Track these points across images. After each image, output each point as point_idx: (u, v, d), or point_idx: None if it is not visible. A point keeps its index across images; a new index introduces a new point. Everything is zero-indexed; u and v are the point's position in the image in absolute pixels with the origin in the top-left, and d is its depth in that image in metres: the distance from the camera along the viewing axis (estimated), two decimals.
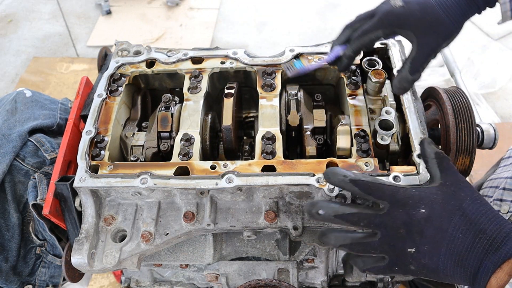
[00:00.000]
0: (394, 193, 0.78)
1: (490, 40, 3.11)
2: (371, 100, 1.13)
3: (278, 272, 1.15)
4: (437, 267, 0.75)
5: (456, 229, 0.73)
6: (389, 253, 0.77)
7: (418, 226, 0.75)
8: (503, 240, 0.70)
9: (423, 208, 0.76)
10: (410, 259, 0.76)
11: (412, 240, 0.75)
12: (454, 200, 0.76)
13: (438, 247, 0.74)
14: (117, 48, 1.29)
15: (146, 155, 1.13)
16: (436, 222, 0.75)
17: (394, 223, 0.76)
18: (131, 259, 1.01)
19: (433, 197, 0.77)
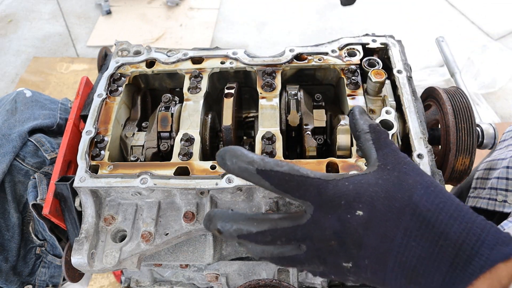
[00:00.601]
0: (321, 190, 0.58)
1: (490, 40, 3.11)
2: (371, 100, 1.13)
3: (278, 272, 1.15)
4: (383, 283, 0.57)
5: (406, 235, 0.54)
6: (320, 266, 0.61)
7: (355, 236, 0.56)
8: (474, 246, 0.51)
9: (361, 209, 0.56)
10: (347, 273, 0.59)
11: (347, 254, 0.57)
12: (401, 191, 0.56)
13: (384, 261, 0.55)
14: (117, 48, 1.29)
15: (146, 155, 1.13)
16: (379, 228, 0.55)
17: (321, 235, 0.57)
18: (131, 259, 1.01)
19: (373, 191, 0.57)
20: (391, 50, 1.21)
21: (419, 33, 3.23)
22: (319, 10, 3.56)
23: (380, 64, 1.17)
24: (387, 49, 1.22)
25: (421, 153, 0.99)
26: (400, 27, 3.35)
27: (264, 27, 3.45)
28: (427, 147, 1.00)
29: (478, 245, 0.51)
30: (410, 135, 1.03)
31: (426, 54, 3.03)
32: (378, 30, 1.20)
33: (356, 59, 1.20)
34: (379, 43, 1.23)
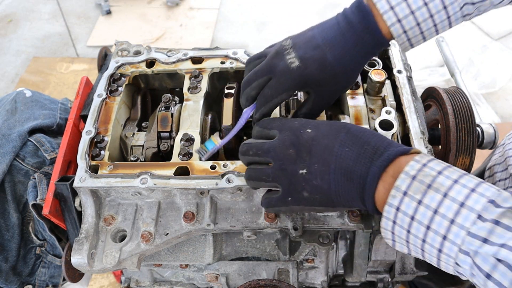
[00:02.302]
0: (283, 121, 0.84)
1: (490, 40, 3.11)
2: (371, 100, 1.13)
3: (278, 272, 1.15)
4: (329, 187, 0.75)
5: (342, 144, 0.75)
6: (281, 179, 0.79)
7: (306, 145, 0.77)
8: (386, 147, 0.73)
9: (309, 129, 0.79)
10: (302, 182, 0.76)
11: (302, 160, 0.77)
12: (339, 122, 0.81)
13: (328, 164, 0.75)
14: (117, 48, 1.29)
15: (146, 155, 1.13)
16: (323, 140, 0.76)
17: (282, 145, 0.79)
18: (131, 259, 1.01)
19: (319, 121, 0.82)
20: (391, 50, 1.21)
21: None
22: (319, 10, 3.56)
23: (380, 64, 1.17)
24: (387, 49, 1.22)
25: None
26: None
27: (264, 27, 3.45)
28: (427, 147, 1.00)
29: (388, 147, 0.73)
30: (410, 135, 1.03)
31: (426, 54, 3.03)
32: None
33: None
34: None
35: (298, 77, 0.85)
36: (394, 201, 0.67)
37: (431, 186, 0.65)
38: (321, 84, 0.87)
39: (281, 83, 0.86)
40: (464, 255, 0.61)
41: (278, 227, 1.01)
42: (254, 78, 0.89)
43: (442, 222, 0.63)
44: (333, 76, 0.86)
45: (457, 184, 0.64)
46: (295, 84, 0.86)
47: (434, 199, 0.64)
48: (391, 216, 0.69)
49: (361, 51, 0.85)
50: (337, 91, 0.91)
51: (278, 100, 0.88)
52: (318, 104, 0.91)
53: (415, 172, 0.67)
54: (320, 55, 0.84)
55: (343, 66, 0.85)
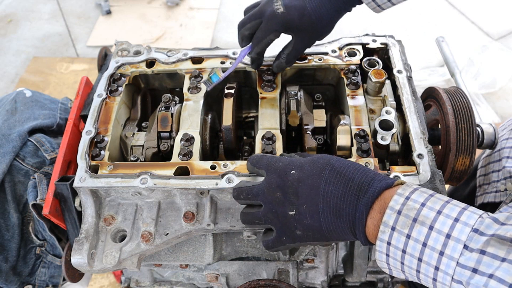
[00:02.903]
0: (270, 160, 0.87)
1: (490, 40, 3.11)
2: (371, 100, 1.13)
3: (278, 272, 1.15)
4: (320, 225, 0.78)
5: (327, 183, 0.77)
6: (273, 221, 0.83)
7: (292, 187, 0.80)
8: (370, 183, 0.75)
9: (294, 170, 0.81)
10: (294, 222, 0.80)
11: (290, 202, 0.80)
12: (322, 159, 0.82)
13: (316, 204, 0.77)
14: (117, 48, 1.29)
15: (146, 155, 1.13)
16: (308, 180, 0.79)
17: (270, 188, 0.82)
18: (131, 259, 1.01)
19: (303, 160, 0.84)
20: (391, 50, 1.21)
21: (419, 33, 3.23)
22: None
23: (380, 64, 1.17)
24: (387, 49, 1.22)
25: (421, 153, 0.99)
26: (400, 27, 3.35)
27: None
28: (427, 147, 1.00)
29: (371, 182, 0.75)
30: (410, 135, 1.03)
31: (426, 54, 3.03)
32: (378, 30, 1.21)
33: (356, 59, 1.20)
34: (379, 43, 1.23)
35: (281, 20, 1.02)
36: (384, 236, 0.70)
37: (417, 220, 0.68)
38: (301, 29, 1.03)
39: (269, 26, 1.03)
40: (458, 284, 0.64)
41: None
42: (248, 21, 1.06)
43: (432, 255, 0.66)
44: (310, 24, 1.03)
45: (441, 215, 0.66)
46: (279, 26, 1.02)
47: (421, 233, 0.67)
48: (384, 250, 0.72)
49: (334, 6, 1.02)
50: (314, 37, 1.08)
51: (267, 40, 1.05)
52: (298, 46, 1.07)
53: (400, 206, 0.70)
54: (301, 5, 1.02)
55: (319, 16, 1.02)
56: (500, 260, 0.59)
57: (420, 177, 0.95)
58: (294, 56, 1.10)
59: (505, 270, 0.58)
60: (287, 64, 1.12)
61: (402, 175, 0.95)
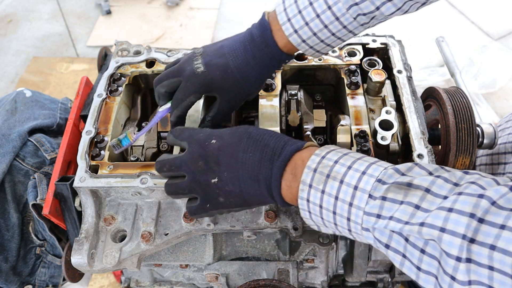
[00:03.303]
0: (191, 132, 0.88)
1: (490, 40, 3.11)
2: (371, 100, 1.13)
3: (278, 272, 1.15)
4: (241, 191, 0.81)
5: (245, 150, 0.81)
6: (197, 190, 0.84)
7: (213, 156, 0.82)
8: (283, 147, 0.79)
9: (214, 139, 0.84)
10: (216, 190, 0.83)
11: (211, 170, 0.82)
12: (241, 128, 0.85)
13: (236, 171, 0.80)
14: (117, 48, 1.29)
15: (146, 155, 1.13)
16: (227, 149, 0.82)
17: (192, 158, 0.84)
18: (131, 259, 1.01)
19: (223, 131, 0.86)
20: (391, 50, 1.21)
21: (419, 33, 3.23)
22: None
23: (380, 64, 1.17)
24: (387, 49, 1.22)
25: (421, 153, 0.99)
26: (400, 27, 3.35)
27: None
28: (427, 147, 1.00)
29: (284, 146, 0.79)
30: (410, 135, 1.03)
31: (426, 54, 3.02)
32: (378, 30, 1.20)
33: (356, 59, 1.20)
34: (379, 43, 1.23)
35: (202, 81, 0.94)
36: (304, 194, 0.75)
37: (329, 175, 0.72)
38: (224, 89, 0.95)
39: (188, 86, 0.95)
40: (367, 231, 0.69)
41: (278, 227, 1.01)
42: (164, 78, 0.98)
43: (343, 207, 0.71)
44: (235, 83, 0.94)
45: (350, 169, 0.71)
46: (199, 87, 0.94)
47: (333, 187, 0.72)
48: (305, 208, 0.76)
49: (259, 63, 0.93)
50: (240, 97, 0.99)
51: (187, 102, 0.97)
52: (224, 107, 0.98)
53: (316, 165, 0.74)
54: (223, 63, 0.93)
55: (243, 74, 0.94)
56: (398, 204, 0.65)
57: None
58: (220, 119, 1.01)
59: (402, 211, 0.64)
60: (213, 128, 1.01)
61: None
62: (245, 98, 1.00)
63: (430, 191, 0.63)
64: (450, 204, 0.59)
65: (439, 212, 0.60)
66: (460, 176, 0.65)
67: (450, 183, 0.64)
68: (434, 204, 0.62)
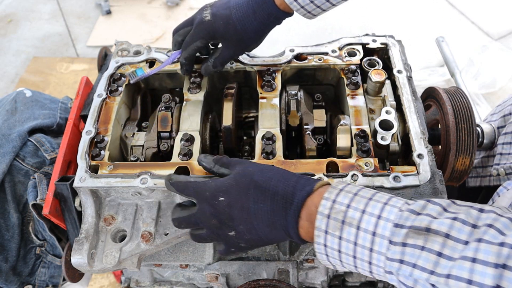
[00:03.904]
0: (196, 189, 0.88)
1: (490, 40, 3.11)
2: (371, 100, 1.13)
3: (278, 272, 1.15)
4: (259, 237, 0.83)
5: (255, 201, 0.81)
6: (218, 239, 0.88)
7: (225, 213, 0.83)
8: (292, 193, 0.79)
9: (222, 196, 0.83)
10: (236, 240, 0.85)
11: (226, 225, 0.84)
12: (245, 177, 0.84)
13: (250, 223, 0.82)
14: (117, 48, 1.29)
15: (146, 155, 1.13)
16: (237, 204, 0.82)
17: (205, 217, 0.86)
18: (131, 259, 1.01)
19: (228, 183, 0.85)
20: (391, 50, 1.21)
21: (419, 33, 3.23)
22: None
23: (380, 64, 1.17)
24: (387, 49, 1.22)
25: (421, 153, 0.99)
26: (400, 27, 3.35)
27: None
28: (427, 147, 1.00)
29: (294, 192, 0.79)
30: (410, 135, 1.03)
31: (426, 54, 3.02)
32: (378, 30, 1.20)
33: (356, 59, 1.20)
34: (379, 43, 1.23)
35: (207, 28, 1.05)
36: (320, 240, 0.76)
37: (345, 222, 0.73)
38: (226, 37, 1.06)
39: (196, 32, 1.07)
40: (390, 274, 0.70)
41: None
42: (180, 27, 1.11)
43: (364, 252, 0.71)
44: (236, 33, 1.04)
45: (365, 214, 0.72)
46: (205, 34, 1.06)
47: (350, 233, 0.72)
48: (323, 251, 0.77)
49: (258, 17, 1.03)
50: (240, 47, 1.09)
51: (194, 46, 1.08)
52: (225, 53, 1.09)
53: (328, 210, 0.74)
54: (227, 14, 1.04)
55: (243, 26, 1.03)
56: (419, 249, 0.65)
57: (420, 177, 0.95)
58: (220, 62, 1.11)
59: (425, 259, 0.64)
60: (213, 68, 1.12)
61: (402, 175, 0.95)
62: (245, 48, 1.11)
63: (449, 236, 0.64)
64: (472, 253, 0.60)
65: (463, 263, 0.60)
66: (476, 215, 0.66)
67: (468, 225, 0.64)
68: (456, 250, 0.63)
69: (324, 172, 0.98)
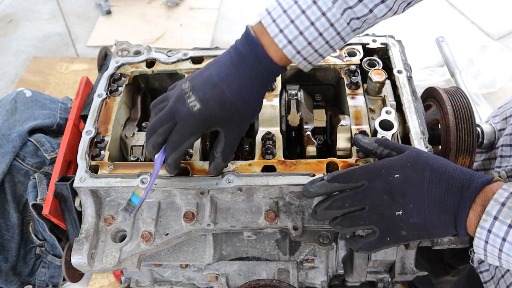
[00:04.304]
0: (366, 170, 0.86)
1: (490, 40, 3.11)
2: (371, 100, 1.13)
3: (278, 272, 1.15)
4: (425, 222, 0.82)
5: (430, 182, 0.82)
6: (378, 222, 0.84)
7: (398, 189, 0.83)
8: (470, 179, 0.81)
9: (397, 173, 0.83)
10: (400, 223, 0.83)
11: (397, 203, 0.83)
12: (420, 161, 0.84)
13: (422, 202, 0.82)
14: (117, 48, 1.29)
15: (146, 155, 1.13)
16: (412, 181, 0.83)
17: (376, 193, 0.84)
18: (131, 259, 1.01)
19: (402, 162, 0.85)
20: (391, 50, 1.21)
21: (419, 33, 3.23)
22: None
23: (380, 64, 1.17)
24: (387, 49, 1.22)
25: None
26: (400, 27, 3.35)
27: None
28: (427, 147, 1.00)
29: (471, 179, 0.81)
30: (410, 135, 1.03)
31: (426, 54, 3.02)
32: (378, 30, 1.20)
33: (356, 59, 1.20)
34: (379, 43, 1.23)
35: (201, 119, 0.86)
36: (486, 224, 0.77)
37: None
38: (226, 120, 0.88)
39: (187, 128, 0.87)
40: None
41: (278, 227, 1.01)
42: (159, 125, 0.89)
43: None
44: (236, 111, 0.87)
45: None
46: (200, 126, 0.87)
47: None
48: (483, 237, 0.77)
49: (256, 83, 0.87)
50: (244, 124, 0.92)
51: (187, 144, 0.90)
52: (230, 139, 0.92)
53: (504, 199, 0.76)
54: (219, 94, 0.85)
55: (243, 100, 0.87)
56: None
57: None
58: (230, 151, 0.94)
59: None
60: (225, 162, 0.96)
61: None
62: (249, 123, 0.94)
63: None
64: None
65: None
66: None
67: None
68: None
69: (324, 172, 0.98)
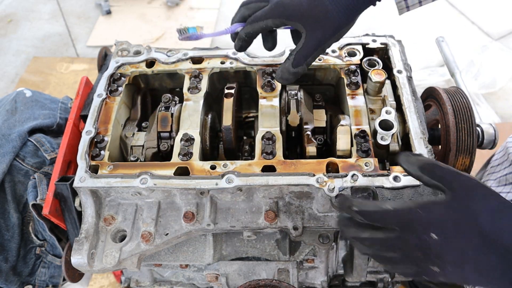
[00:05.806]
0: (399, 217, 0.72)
1: (490, 40, 3.11)
2: (371, 100, 1.13)
3: (278, 272, 1.15)
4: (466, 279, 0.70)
5: (477, 250, 0.66)
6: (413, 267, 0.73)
7: (435, 251, 0.69)
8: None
9: (434, 233, 0.68)
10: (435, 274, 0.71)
11: (432, 262, 0.70)
12: (467, 217, 0.67)
13: (462, 266, 0.68)
14: (117, 48, 1.29)
15: (146, 155, 1.13)
16: (453, 246, 0.68)
17: (408, 247, 0.71)
18: (131, 259, 1.01)
19: (443, 219, 0.69)
20: (391, 50, 1.21)
21: (419, 33, 3.23)
22: None
23: (380, 64, 1.17)
24: (387, 49, 1.22)
25: (421, 153, 0.99)
26: (400, 27, 3.35)
27: None
28: (427, 147, 1.00)
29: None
30: (410, 135, 1.03)
31: (426, 54, 3.02)
32: (378, 30, 1.20)
33: (356, 59, 1.19)
34: (379, 43, 1.23)
35: (287, 5, 0.86)
36: None
37: None
38: (311, 17, 0.85)
39: (272, 9, 0.89)
40: None
41: (278, 227, 1.01)
42: (251, 1, 0.93)
43: None
44: (324, 13, 0.84)
45: None
46: (282, 12, 0.87)
47: None
48: None
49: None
50: (329, 29, 0.87)
51: (264, 24, 0.90)
52: (310, 42, 0.88)
53: None
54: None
55: (336, 4, 0.84)
56: None
57: None
58: (305, 55, 0.89)
59: None
60: (294, 68, 0.91)
61: (402, 175, 0.95)
62: (335, 32, 0.88)
63: None
64: None
65: None
66: None
67: None
68: None
69: (324, 172, 0.98)
